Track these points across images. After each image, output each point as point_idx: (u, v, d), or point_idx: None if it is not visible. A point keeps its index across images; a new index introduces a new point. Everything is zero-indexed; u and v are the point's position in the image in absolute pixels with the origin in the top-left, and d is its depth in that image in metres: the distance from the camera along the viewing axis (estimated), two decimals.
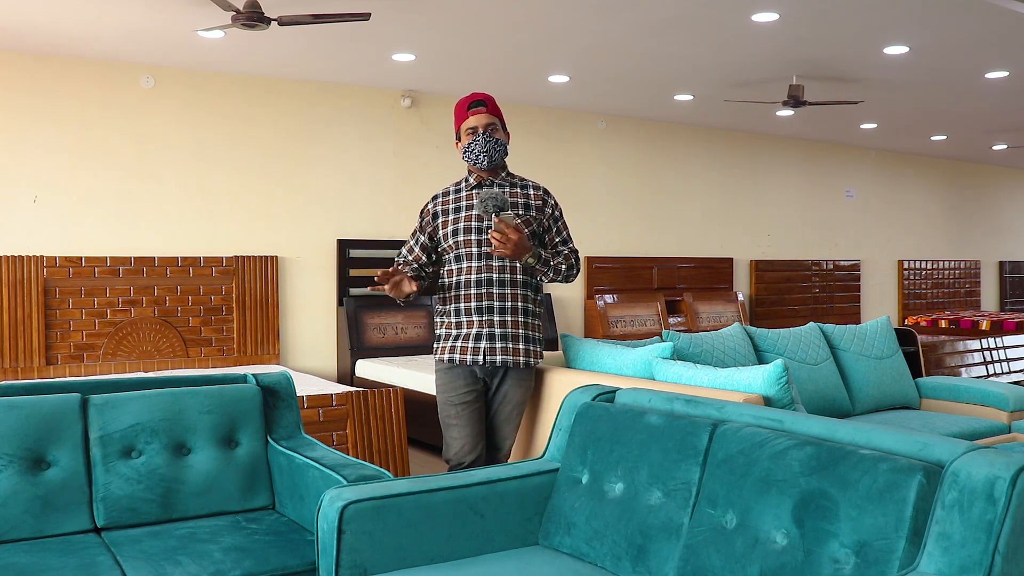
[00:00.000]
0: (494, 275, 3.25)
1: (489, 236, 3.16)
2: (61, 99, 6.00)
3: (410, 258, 3.39)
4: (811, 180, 10.23)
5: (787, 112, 8.07)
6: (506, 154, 3.35)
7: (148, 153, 6.29)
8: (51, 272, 5.88)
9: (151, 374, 5.77)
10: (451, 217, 3.32)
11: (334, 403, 4.38)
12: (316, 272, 6.91)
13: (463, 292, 3.26)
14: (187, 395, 2.89)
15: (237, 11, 4.51)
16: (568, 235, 3.45)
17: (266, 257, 6.62)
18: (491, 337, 3.24)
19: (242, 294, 6.49)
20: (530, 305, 3.33)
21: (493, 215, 3.13)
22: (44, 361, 5.84)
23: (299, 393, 4.14)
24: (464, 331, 3.25)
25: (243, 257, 6.52)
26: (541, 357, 3.39)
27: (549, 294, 7.86)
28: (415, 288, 3.21)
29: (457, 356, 3.25)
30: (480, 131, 3.28)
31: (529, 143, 7.94)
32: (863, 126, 9.19)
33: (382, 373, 6.22)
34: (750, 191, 9.64)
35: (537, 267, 3.27)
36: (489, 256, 3.25)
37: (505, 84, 7.04)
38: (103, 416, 2.74)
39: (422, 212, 3.41)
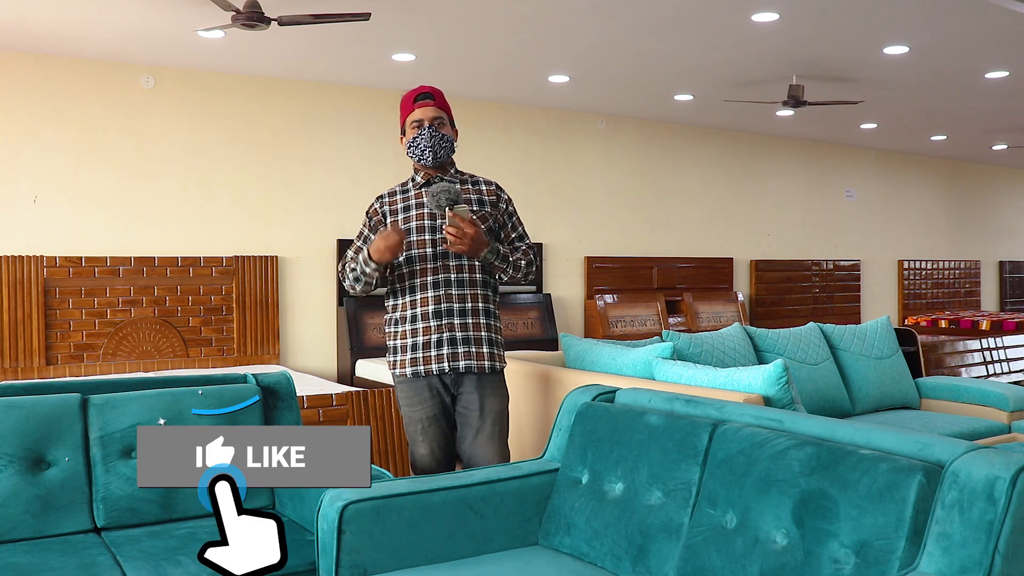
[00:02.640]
0: (452, 275, 3.04)
1: (444, 231, 2.94)
2: (61, 99, 6.00)
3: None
4: (811, 180, 10.23)
5: (787, 112, 8.07)
6: (453, 151, 3.14)
7: (148, 153, 6.29)
8: (51, 272, 5.88)
9: (151, 374, 5.77)
10: (400, 217, 3.10)
11: (334, 403, 4.38)
12: (316, 272, 6.91)
13: (419, 296, 3.05)
14: (187, 395, 2.88)
15: (237, 11, 4.51)
16: (524, 230, 3.24)
17: (266, 257, 6.62)
18: (452, 342, 3.02)
19: (242, 294, 6.49)
20: (491, 306, 3.14)
21: (447, 209, 2.90)
22: (44, 361, 5.84)
23: (299, 393, 4.13)
24: (422, 339, 3.04)
25: (243, 257, 6.52)
26: (505, 362, 3.18)
27: (549, 294, 7.86)
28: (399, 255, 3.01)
29: (421, 368, 3.04)
30: (426, 124, 3.07)
31: (529, 143, 7.94)
32: (863, 126, 9.19)
33: (382, 373, 6.21)
34: (750, 191, 9.64)
35: (496, 263, 3.05)
36: (445, 256, 3.04)
37: (505, 84, 7.04)
38: (103, 416, 2.74)
39: (368, 214, 3.18)
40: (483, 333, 3.08)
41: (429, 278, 3.05)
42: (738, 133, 9.46)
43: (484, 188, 3.18)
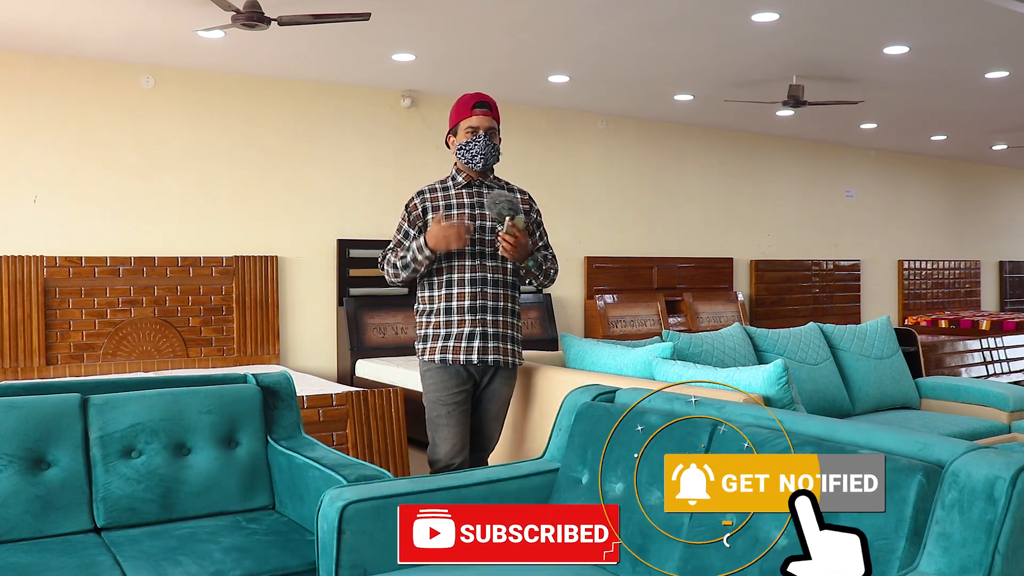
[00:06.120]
0: (488, 275, 3.26)
1: (500, 238, 3.17)
2: (61, 99, 6.00)
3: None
4: (811, 180, 10.23)
5: (787, 112, 8.07)
6: (498, 160, 3.36)
7: (148, 153, 6.29)
8: (51, 272, 5.88)
9: (151, 374, 5.77)
10: (442, 214, 3.29)
11: (334, 403, 4.39)
12: (316, 272, 6.91)
13: (456, 291, 3.24)
14: (187, 395, 2.88)
15: (237, 11, 4.51)
16: (547, 240, 3.48)
17: (266, 257, 6.62)
18: (483, 336, 3.23)
19: (242, 294, 6.49)
20: (516, 306, 3.36)
21: (507, 218, 3.15)
22: (44, 361, 5.84)
23: (299, 393, 4.13)
24: (455, 330, 3.23)
25: (243, 257, 6.52)
26: (523, 358, 3.42)
27: (549, 294, 7.86)
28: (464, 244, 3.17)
29: (450, 356, 3.23)
30: (481, 132, 3.28)
31: (529, 143, 7.94)
32: (863, 126, 9.19)
33: (382, 373, 6.22)
34: (750, 191, 9.64)
35: (532, 270, 3.30)
36: (482, 255, 3.26)
37: (505, 84, 7.04)
38: (103, 416, 2.74)
39: (408, 208, 3.34)
40: (509, 331, 3.31)
41: (467, 275, 3.24)
42: (738, 133, 9.46)
43: (519, 196, 3.41)
